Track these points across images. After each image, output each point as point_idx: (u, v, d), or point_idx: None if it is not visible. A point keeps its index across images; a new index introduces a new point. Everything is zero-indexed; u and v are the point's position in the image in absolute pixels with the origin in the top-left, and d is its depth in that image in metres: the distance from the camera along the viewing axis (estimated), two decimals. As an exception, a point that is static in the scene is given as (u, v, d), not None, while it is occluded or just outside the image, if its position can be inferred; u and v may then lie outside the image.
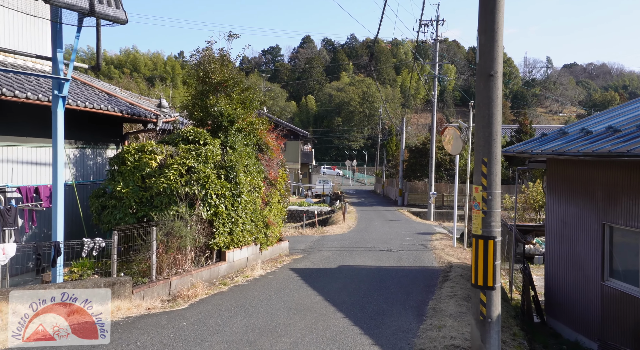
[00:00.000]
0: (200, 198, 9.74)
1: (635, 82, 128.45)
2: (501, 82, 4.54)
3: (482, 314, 4.50)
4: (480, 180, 4.56)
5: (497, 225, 4.58)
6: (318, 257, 13.37)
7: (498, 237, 4.57)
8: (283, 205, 13.99)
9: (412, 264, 12.18)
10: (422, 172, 38.58)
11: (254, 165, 11.65)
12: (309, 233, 20.41)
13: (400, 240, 17.97)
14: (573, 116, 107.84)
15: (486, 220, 4.52)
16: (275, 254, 13.52)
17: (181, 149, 10.13)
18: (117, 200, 9.55)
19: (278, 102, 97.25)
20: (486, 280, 4.49)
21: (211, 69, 11.50)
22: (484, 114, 4.55)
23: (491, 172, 4.54)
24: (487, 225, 4.53)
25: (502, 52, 4.39)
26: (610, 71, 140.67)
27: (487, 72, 4.49)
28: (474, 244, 4.67)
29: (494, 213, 4.54)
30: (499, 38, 4.38)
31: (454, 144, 15.55)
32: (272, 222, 12.61)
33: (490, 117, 4.51)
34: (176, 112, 13.73)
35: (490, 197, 4.51)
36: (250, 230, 11.33)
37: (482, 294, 4.53)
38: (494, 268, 4.50)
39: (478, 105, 4.62)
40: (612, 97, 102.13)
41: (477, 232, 4.60)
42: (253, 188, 11.58)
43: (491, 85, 4.48)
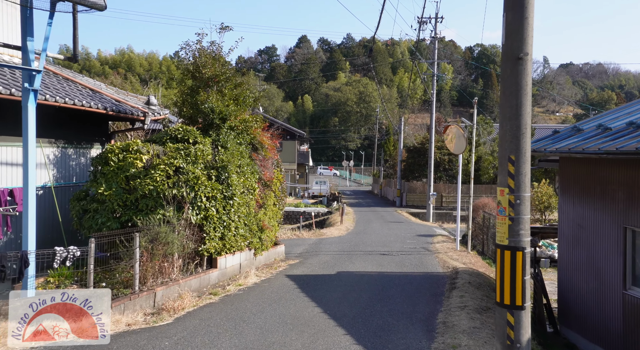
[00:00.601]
0: (189, 201, 9.06)
1: (632, 82, 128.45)
2: (531, 66, 3.88)
3: (510, 337, 3.85)
4: (507, 181, 3.90)
5: (527, 234, 3.92)
6: (316, 262, 12.70)
7: (527, 248, 3.91)
8: (279, 207, 13.31)
9: (415, 270, 11.53)
10: (421, 172, 37.97)
11: (247, 166, 10.98)
12: (305, 235, 19.73)
13: (401, 243, 17.31)
14: (570, 116, 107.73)
15: (514, 228, 3.86)
16: (270, 259, 12.84)
17: (169, 148, 9.45)
18: (99, 203, 8.85)
19: (274, 102, 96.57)
20: (514, 299, 3.84)
21: (201, 63, 10.82)
22: (511, 103, 3.89)
23: (520, 171, 3.88)
24: (514, 234, 3.87)
25: (532, 31, 3.74)
26: (607, 71, 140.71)
27: (515, 55, 3.83)
28: (498, 256, 4.01)
29: (522, 220, 3.88)
30: (530, 14, 3.73)
31: (457, 143, 14.91)
32: (267, 225, 11.93)
33: (518, 108, 3.85)
34: (166, 110, 13.03)
35: (518, 201, 3.86)
36: (244, 234, 10.65)
37: (509, 315, 3.88)
38: (523, 284, 3.85)
39: (503, 93, 3.96)
40: (609, 96, 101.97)
41: (502, 242, 3.95)
42: (247, 190, 10.90)
43: (520, 70, 3.83)
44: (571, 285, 9.10)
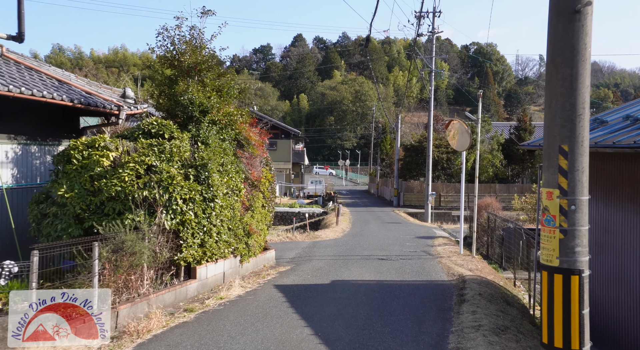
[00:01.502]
0: (163, 203, 7.97)
1: (627, 81, 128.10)
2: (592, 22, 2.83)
3: (562, 392, 2.83)
4: (556, 180, 2.87)
5: (585, 252, 2.89)
6: (308, 269, 11.63)
7: (586, 270, 2.88)
8: (268, 209, 12.23)
9: (418, 278, 10.49)
10: (418, 171, 36.96)
11: (231, 164, 9.91)
12: (299, 238, 18.66)
13: (400, 245, 16.27)
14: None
15: (567, 244, 2.84)
16: (259, 265, 11.77)
17: (140, 144, 8.36)
18: (60, 207, 7.77)
19: (269, 101, 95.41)
20: (568, 340, 2.82)
21: (180, 50, 9.73)
22: (564, 74, 2.86)
23: (575, 166, 2.84)
24: (568, 252, 2.85)
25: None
26: (602, 69, 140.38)
27: (570, 8, 2.78)
28: (545, 281, 2.98)
29: (579, 233, 2.85)
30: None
31: (460, 140, 13.88)
32: (254, 229, 10.86)
33: (574, 80, 2.82)
34: (145, 104, 11.93)
35: (573, 208, 2.83)
36: (228, 240, 9.57)
37: (561, 362, 2.85)
38: (581, 320, 2.82)
39: (552, 62, 2.94)
40: (606, 94, 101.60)
41: (550, 262, 2.92)
42: (231, 190, 9.83)
43: (576, 29, 2.78)
44: (594, 296, 8.08)
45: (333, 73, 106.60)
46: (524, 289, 12.19)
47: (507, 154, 36.61)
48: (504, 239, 13.54)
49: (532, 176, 37.23)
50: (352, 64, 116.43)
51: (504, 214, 17.11)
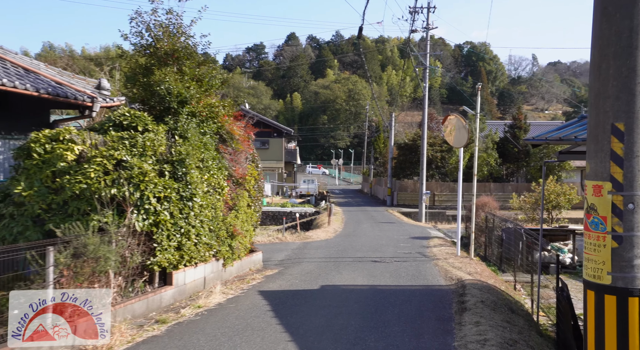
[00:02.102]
0: (133, 203, 7.21)
1: None
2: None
3: None
4: (608, 169, 2.16)
5: (645, 266, 2.18)
6: (297, 272, 10.91)
7: (647, 291, 2.17)
8: (254, 209, 11.48)
9: (414, 282, 9.79)
10: (412, 170, 36.33)
11: (213, 160, 9.15)
12: (289, 239, 17.93)
13: (394, 247, 15.60)
14: (559, 113, 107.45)
15: (623, 255, 2.14)
16: (244, 269, 11.02)
17: (110, 138, 7.59)
18: (17, 206, 6.98)
19: (262, 100, 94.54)
20: (623, 382, 2.12)
21: (156, 37, 8.96)
22: (620, 27, 2.14)
23: (634, 151, 2.12)
24: (624, 266, 2.15)
25: None
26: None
27: None
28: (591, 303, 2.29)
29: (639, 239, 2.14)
30: None
31: (457, 135, 13.22)
32: (239, 231, 10.11)
33: (634, 34, 2.10)
34: (123, 97, 11.13)
35: (631, 206, 2.12)
36: (209, 242, 8.82)
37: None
38: (641, 357, 2.11)
39: (603, 10, 2.22)
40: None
41: (598, 279, 2.22)
42: (212, 188, 9.09)
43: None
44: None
45: (326, 72, 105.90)
46: (525, 292, 11.54)
47: (501, 153, 36.08)
48: (503, 240, 12.89)
49: (527, 175, 36.73)
50: (346, 62, 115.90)
51: (502, 213, 16.47)
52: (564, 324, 7.87)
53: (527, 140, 8.38)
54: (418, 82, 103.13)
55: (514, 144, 35.62)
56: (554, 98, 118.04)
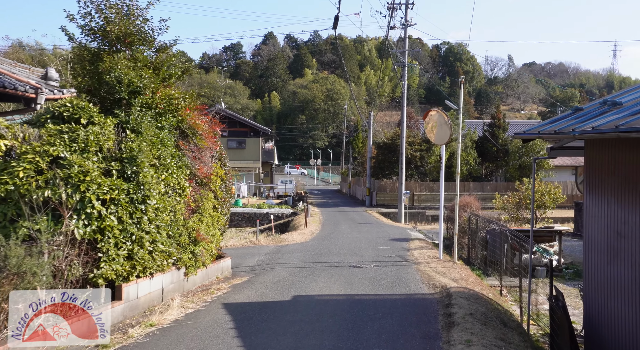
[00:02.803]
0: (72, 206, 6.21)
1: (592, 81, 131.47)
2: None
3: None
4: None
5: None
6: (268, 280, 10.01)
7: None
8: (221, 211, 10.53)
9: (394, 291, 9.00)
10: (391, 169, 35.75)
11: (172, 158, 8.19)
12: (263, 242, 16.99)
13: (373, 249, 14.83)
14: (535, 113, 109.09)
15: None
16: (210, 277, 10.06)
17: (47, 131, 6.56)
18: None
19: (240, 100, 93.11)
20: None
21: (107, 18, 7.94)
22: None
23: None
24: None
25: None
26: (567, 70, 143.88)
27: None
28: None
29: None
30: None
31: (438, 132, 12.51)
32: (203, 236, 9.15)
33: None
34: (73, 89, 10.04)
35: None
36: (166, 250, 7.85)
37: None
38: None
39: None
40: (573, 94, 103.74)
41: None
42: (171, 190, 8.13)
43: None
44: (607, 311, 6.75)
45: (305, 71, 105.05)
46: (512, 298, 10.89)
47: (480, 152, 35.82)
48: (487, 242, 12.23)
49: (506, 174, 36.56)
50: (324, 62, 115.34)
51: (484, 213, 15.86)
52: (560, 337, 7.18)
53: (518, 134, 7.65)
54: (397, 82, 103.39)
55: (493, 143, 35.38)
56: (529, 98, 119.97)
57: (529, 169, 35.03)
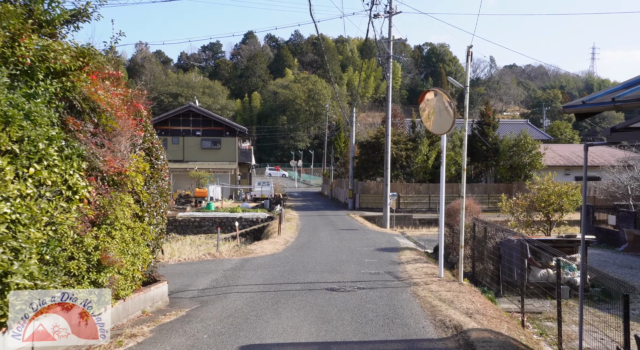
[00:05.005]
0: None
1: (572, 83, 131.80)
2: None
3: None
4: None
5: None
6: (214, 315, 7.26)
7: None
8: (149, 221, 7.68)
9: (388, 334, 6.32)
10: (375, 170, 33.22)
11: (51, 142, 5.37)
12: (225, 254, 14.15)
13: (357, 263, 12.18)
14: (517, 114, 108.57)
15: None
16: (131, 313, 7.24)
17: None
18: None
19: (219, 100, 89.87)
20: None
21: None
22: None
23: None
24: None
25: None
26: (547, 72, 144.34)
27: None
28: None
29: None
30: None
31: (437, 119, 9.95)
32: (113, 258, 6.31)
33: None
34: None
35: None
36: (40, 283, 5.03)
37: None
38: None
39: None
40: (555, 94, 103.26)
41: None
42: (52, 191, 5.31)
43: None
44: None
45: (285, 71, 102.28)
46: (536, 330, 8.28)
47: (469, 152, 33.56)
48: (501, 256, 9.65)
49: (497, 175, 34.39)
50: (305, 62, 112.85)
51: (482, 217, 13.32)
52: None
53: (573, 106, 5.07)
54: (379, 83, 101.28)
55: (483, 142, 33.17)
56: (511, 99, 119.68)
57: (520, 169, 32.93)
